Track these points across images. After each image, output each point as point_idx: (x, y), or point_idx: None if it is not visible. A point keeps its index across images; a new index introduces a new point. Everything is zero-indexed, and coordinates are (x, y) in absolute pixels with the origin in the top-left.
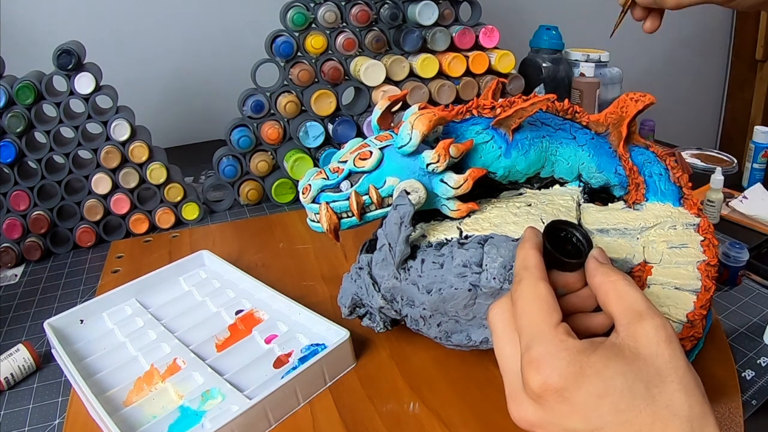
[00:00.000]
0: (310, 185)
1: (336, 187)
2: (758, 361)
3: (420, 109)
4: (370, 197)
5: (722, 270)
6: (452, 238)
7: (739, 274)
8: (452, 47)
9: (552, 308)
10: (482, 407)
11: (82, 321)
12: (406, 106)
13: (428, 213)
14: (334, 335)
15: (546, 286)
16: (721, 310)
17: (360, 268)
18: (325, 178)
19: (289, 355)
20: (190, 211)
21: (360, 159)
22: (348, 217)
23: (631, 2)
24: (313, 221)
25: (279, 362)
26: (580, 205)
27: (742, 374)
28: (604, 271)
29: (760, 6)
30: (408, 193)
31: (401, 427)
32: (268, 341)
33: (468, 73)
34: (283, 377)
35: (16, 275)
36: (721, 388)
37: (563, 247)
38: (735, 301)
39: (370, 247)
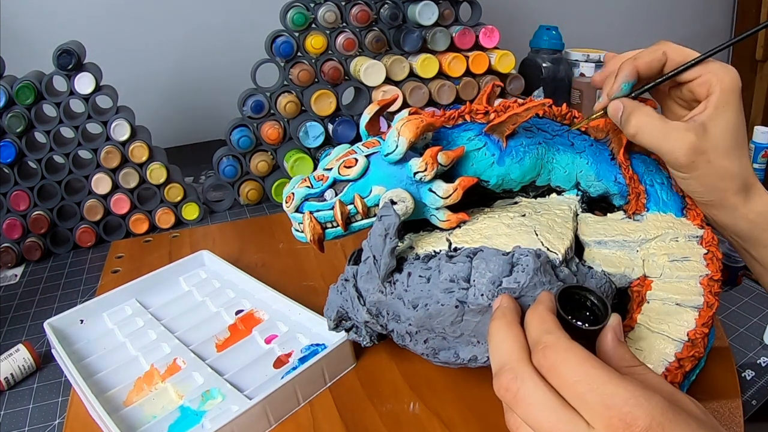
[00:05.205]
0: (293, 194)
1: (320, 196)
2: (758, 361)
3: (410, 114)
4: (355, 207)
5: (722, 270)
6: (441, 251)
7: (739, 274)
8: (452, 47)
9: (601, 363)
10: (482, 407)
11: (82, 321)
12: (407, 105)
13: (418, 222)
14: (334, 335)
15: (577, 344)
16: (721, 310)
17: (346, 280)
18: (309, 187)
19: (289, 355)
20: (190, 211)
21: (345, 167)
22: (333, 227)
23: (603, 111)
24: (298, 231)
25: (279, 362)
26: (577, 215)
27: (742, 374)
28: (621, 355)
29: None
30: (394, 203)
31: (401, 427)
32: (268, 341)
33: (468, 73)
34: (283, 377)
35: (16, 275)
36: (721, 388)
37: (578, 312)
38: (735, 301)
39: (358, 257)
